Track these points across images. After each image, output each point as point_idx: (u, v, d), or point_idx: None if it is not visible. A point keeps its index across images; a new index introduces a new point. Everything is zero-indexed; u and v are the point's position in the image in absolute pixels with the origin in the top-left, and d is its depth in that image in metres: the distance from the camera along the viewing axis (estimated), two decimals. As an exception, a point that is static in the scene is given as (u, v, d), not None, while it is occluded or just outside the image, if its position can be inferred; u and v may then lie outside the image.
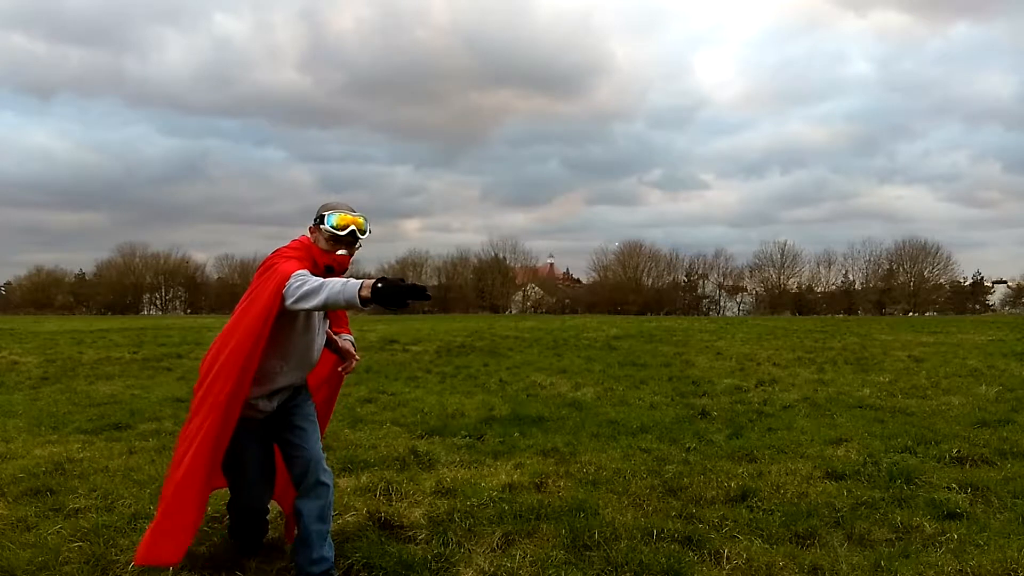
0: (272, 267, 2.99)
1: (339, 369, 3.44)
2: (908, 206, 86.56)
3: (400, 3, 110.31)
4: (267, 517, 3.55)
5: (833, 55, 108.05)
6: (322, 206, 3.11)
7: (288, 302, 2.82)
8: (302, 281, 2.81)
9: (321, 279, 2.83)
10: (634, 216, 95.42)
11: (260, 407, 3.10)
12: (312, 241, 3.11)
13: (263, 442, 3.22)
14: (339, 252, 3.06)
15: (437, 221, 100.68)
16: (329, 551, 3.13)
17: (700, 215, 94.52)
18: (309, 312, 3.01)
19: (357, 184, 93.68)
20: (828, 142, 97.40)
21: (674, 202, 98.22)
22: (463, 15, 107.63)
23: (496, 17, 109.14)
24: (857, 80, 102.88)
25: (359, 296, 2.66)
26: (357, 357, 3.47)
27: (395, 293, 2.64)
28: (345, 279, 2.79)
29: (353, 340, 3.51)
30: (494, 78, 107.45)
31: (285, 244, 3.16)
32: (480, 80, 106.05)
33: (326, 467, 3.19)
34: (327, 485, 3.16)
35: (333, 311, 3.35)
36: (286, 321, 2.97)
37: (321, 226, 3.06)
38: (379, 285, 2.66)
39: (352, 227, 3.05)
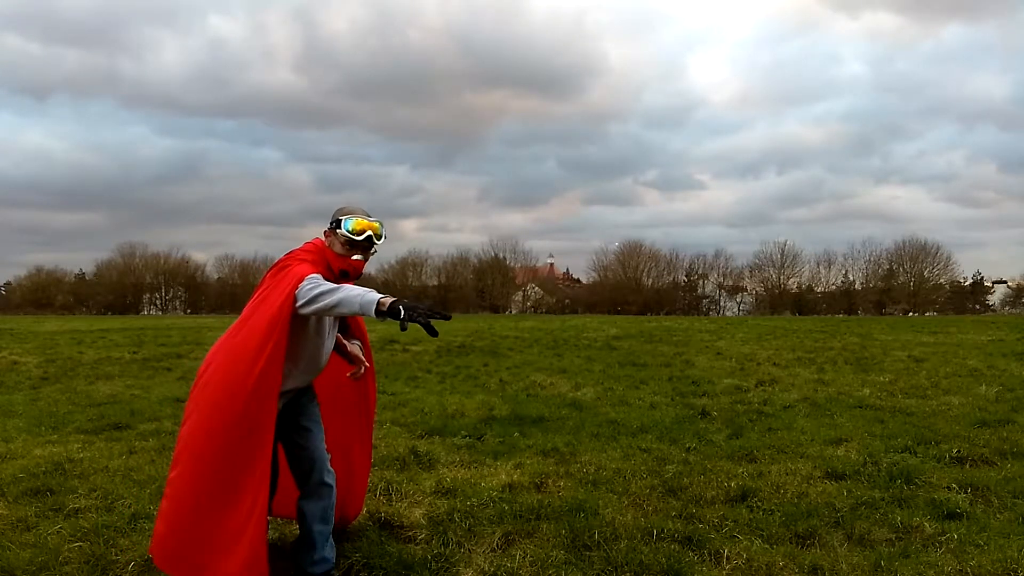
0: (286, 268, 2.98)
1: (347, 375, 3.42)
2: (905, 206, 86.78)
3: (393, 4, 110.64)
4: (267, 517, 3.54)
5: (826, 56, 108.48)
6: (338, 210, 3.09)
7: (299, 303, 2.81)
8: (315, 284, 2.81)
9: (335, 284, 2.82)
10: (631, 216, 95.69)
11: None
12: (327, 245, 3.08)
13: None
14: (354, 257, 3.05)
15: (435, 221, 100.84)
16: (330, 552, 3.14)
17: (697, 215, 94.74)
18: (320, 316, 3.01)
19: (354, 184, 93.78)
20: (823, 142, 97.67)
21: (671, 202, 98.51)
22: (456, 16, 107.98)
23: (489, 18, 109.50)
24: (851, 81, 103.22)
25: (376, 305, 2.65)
26: (366, 363, 3.44)
27: (416, 310, 2.62)
28: (365, 288, 2.78)
29: (362, 344, 3.49)
30: (488, 79, 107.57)
31: (298, 246, 3.15)
32: (475, 81, 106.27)
33: (329, 468, 3.19)
34: (330, 486, 3.16)
35: (348, 317, 3.33)
36: (297, 324, 2.95)
37: (337, 230, 3.03)
38: (404, 301, 2.65)
39: (369, 232, 3.03)
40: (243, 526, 2.76)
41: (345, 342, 3.41)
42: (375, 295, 2.70)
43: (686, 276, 61.97)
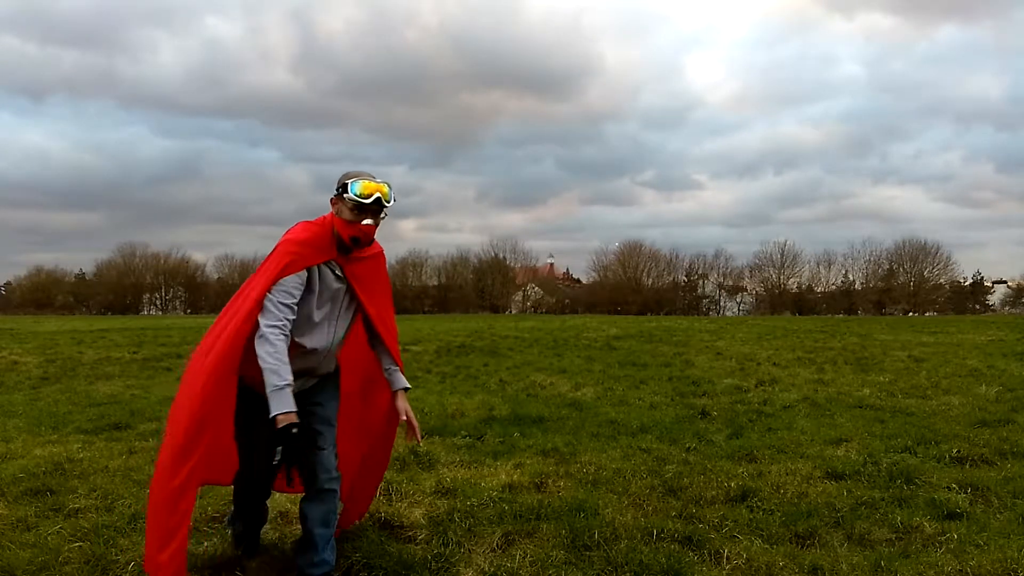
0: (274, 250, 2.97)
1: (408, 440, 3.27)
2: (903, 206, 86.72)
3: (389, 4, 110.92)
4: (267, 503, 3.49)
5: (823, 57, 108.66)
6: (344, 175, 2.96)
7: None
8: (269, 300, 2.83)
9: (279, 324, 2.81)
10: (630, 216, 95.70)
11: None
12: (335, 213, 2.99)
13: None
14: (365, 222, 2.94)
15: (433, 221, 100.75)
16: (331, 555, 3.11)
17: (695, 215, 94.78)
18: (319, 301, 2.98)
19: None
20: (821, 143, 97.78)
21: (668, 202, 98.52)
22: (452, 16, 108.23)
23: (485, 18, 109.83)
24: (847, 81, 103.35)
25: (272, 406, 2.70)
26: (414, 425, 3.22)
27: (296, 445, 2.72)
28: (287, 380, 2.74)
29: (398, 368, 3.24)
30: (485, 79, 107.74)
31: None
32: (472, 81, 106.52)
33: (336, 474, 3.12)
34: (334, 491, 3.11)
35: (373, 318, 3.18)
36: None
37: (344, 195, 2.91)
38: (295, 429, 2.71)
39: (377, 195, 2.90)
40: (172, 513, 2.72)
41: (392, 391, 3.22)
42: (283, 398, 2.71)
43: (686, 276, 61.94)
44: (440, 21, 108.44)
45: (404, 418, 3.10)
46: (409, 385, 3.24)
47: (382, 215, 2.99)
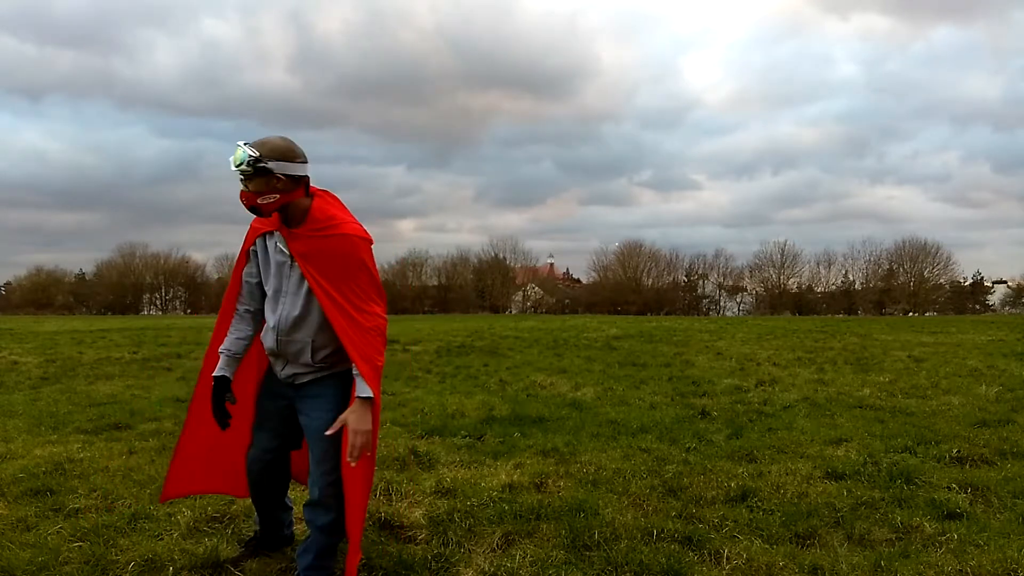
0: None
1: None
2: (900, 206, 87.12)
3: (385, 5, 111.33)
4: (285, 499, 3.41)
5: (819, 57, 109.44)
6: None
7: None
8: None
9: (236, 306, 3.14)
10: (628, 216, 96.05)
11: (274, 365, 3.09)
12: None
13: (278, 406, 3.08)
14: (241, 188, 2.79)
15: (432, 221, 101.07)
16: (330, 560, 3.07)
17: (693, 215, 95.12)
18: (266, 273, 3.03)
19: (350, 185, 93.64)
20: (818, 143, 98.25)
21: (667, 203, 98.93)
22: (448, 17, 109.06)
23: (481, 19, 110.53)
24: (844, 82, 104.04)
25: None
26: (352, 445, 2.74)
27: (214, 401, 3.01)
28: (234, 348, 3.07)
29: (361, 397, 2.76)
30: (482, 80, 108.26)
31: None
32: (468, 81, 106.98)
33: (329, 491, 2.91)
34: (324, 505, 2.95)
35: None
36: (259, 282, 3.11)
37: None
38: (219, 385, 3.01)
39: (230, 160, 2.71)
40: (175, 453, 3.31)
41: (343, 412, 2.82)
42: (222, 358, 3.05)
43: (686, 276, 62.00)
44: (437, 22, 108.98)
45: (331, 432, 2.77)
46: (367, 394, 2.74)
47: (251, 180, 2.75)
